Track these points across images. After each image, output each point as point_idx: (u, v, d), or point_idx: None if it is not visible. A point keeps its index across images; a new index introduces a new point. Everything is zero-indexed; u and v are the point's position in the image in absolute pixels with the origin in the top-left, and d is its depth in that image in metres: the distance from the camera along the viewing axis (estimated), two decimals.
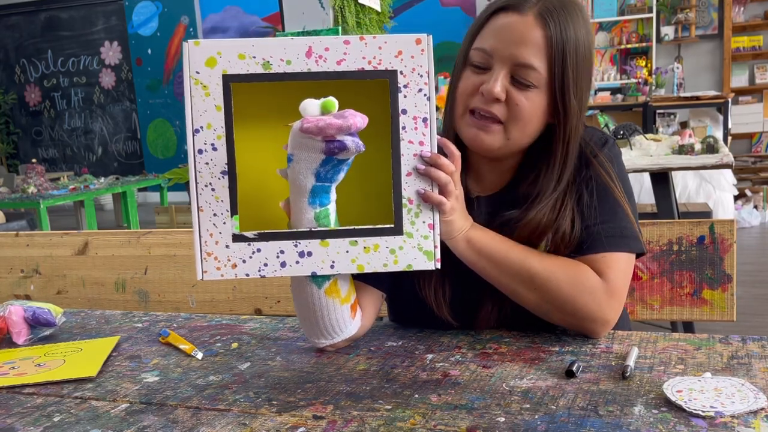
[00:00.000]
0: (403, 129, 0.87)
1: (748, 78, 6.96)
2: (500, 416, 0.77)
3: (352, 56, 0.85)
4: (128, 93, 9.62)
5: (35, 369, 1.03)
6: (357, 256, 0.88)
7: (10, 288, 1.80)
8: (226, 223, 0.87)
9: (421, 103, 0.87)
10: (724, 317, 1.32)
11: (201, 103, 0.85)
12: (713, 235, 1.32)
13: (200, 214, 0.87)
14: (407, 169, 0.88)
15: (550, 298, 0.99)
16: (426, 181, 0.89)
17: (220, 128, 0.86)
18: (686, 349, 0.95)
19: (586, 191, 1.05)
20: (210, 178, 0.87)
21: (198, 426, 0.80)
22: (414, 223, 0.89)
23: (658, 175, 2.99)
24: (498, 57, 0.99)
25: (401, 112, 0.87)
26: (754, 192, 5.85)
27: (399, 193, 0.88)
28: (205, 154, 0.86)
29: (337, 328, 0.99)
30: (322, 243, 0.88)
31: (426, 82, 0.87)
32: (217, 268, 0.88)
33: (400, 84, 0.86)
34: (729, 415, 0.73)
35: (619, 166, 1.09)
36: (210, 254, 0.88)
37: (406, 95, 0.86)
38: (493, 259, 0.99)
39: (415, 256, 0.89)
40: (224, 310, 1.64)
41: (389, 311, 1.23)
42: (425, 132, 0.87)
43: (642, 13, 7.07)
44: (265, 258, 0.88)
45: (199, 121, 0.86)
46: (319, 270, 0.88)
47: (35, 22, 9.92)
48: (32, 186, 5.27)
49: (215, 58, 0.85)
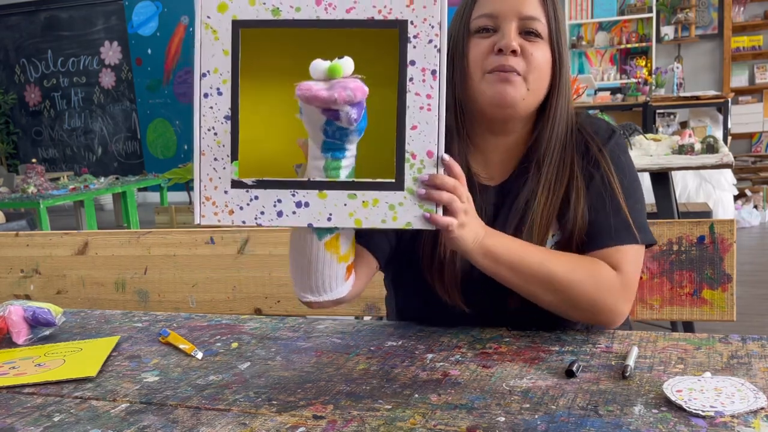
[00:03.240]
0: (411, 81, 0.84)
1: (748, 78, 6.96)
2: (500, 416, 0.77)
3: (362, 4, 0.84)
4: (128, 93, 9.62)
5: (35, 369, 1.03)
6: (355, 210, 0.85)
7: (10, 288, 1.80)
8: (226, 168, 0.87)
9: (431, 54, 0.84)
10: (724, 317, 1.32)
11: (210, 47, 0.86)
12: (713, 235, 1.32)
13: (202, 158, 0.87)
14: (412, 122, 0.85)
15: (569, 298, 1.00)
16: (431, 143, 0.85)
17: (227, 73, 0.86)
18: (686, 349, 0.95)
19: (593, 183, 1.07)
20: (213, 122, 0.87)
21: (198, 426, 0.80)
22: (416, 179, 0.85)
23: (658, 174, 2.99)
24: (503, 16, 1.04)
25: (410, 63, 0.84)
26: (754, 192, 5.85)
27: (402, 147, 0.85)
28: (210, 98, 0.86)
29: (327, 286, 0.96)
30: (320, 195, 0.86)
31: (437, 33, 0.84)
32: (214, 213, 0.88)
33: (410, 34, 0.84)
34: (729, 415, 0.73)
35: (626, 157, 1.11)
36: (209, 198, 0.87)
37: (415, 46, 0.84)
38: (512, 266, 0.98)
39: (415, 213, 0.85)
40: (224, 310, 1.64)
41: (393, 306, 1.22)
42: (433, 85, 0.84)
43: (642, 13, 7.07)
44: (262, 206, 0.87)
45: (207, 65, 0.86)
46: (316, 222, 0.86)
47: (35, 22, 9.92)
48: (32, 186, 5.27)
49: (226, 4, 0.85)
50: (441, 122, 0.85)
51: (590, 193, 1.06)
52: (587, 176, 1.07)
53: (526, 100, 1.05)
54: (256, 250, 1.62)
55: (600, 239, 1.04)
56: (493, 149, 1.12)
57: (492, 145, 1.12)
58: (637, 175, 1.12)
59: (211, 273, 1.65)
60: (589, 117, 1.15)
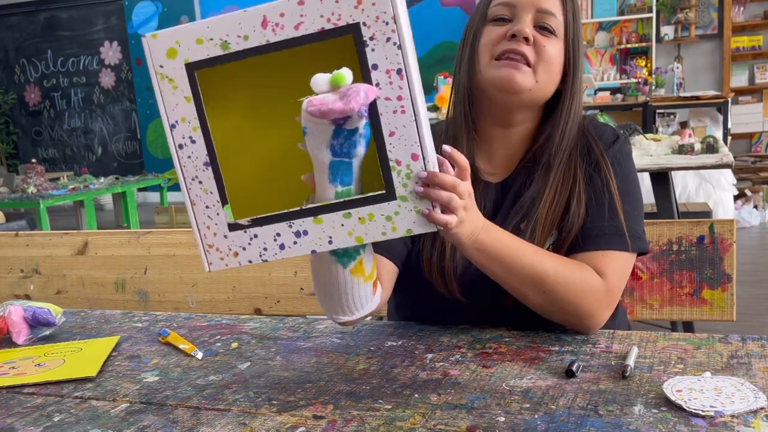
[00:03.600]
0: (378, 86, 0.79)
1: (747, 78, 6.96)
2: (500, 416, 0.77)
3: (309, 17, 0.79)
4: (128, 93, 9.62)
5: (35, 369, 1.03)
6: (353, 228, 0.84)
7: (10, 288, 1.80)
8: (219, 214, 0.86)
9: (392, 53, 0.79)
10: (723, 317, 1.32)
11: (171, 97, 0.83)
12: (713, 234, 1.32)
13: (194, 209, 0.86)
14: (389, 129, 0.80)
15: (556, 300, 1.00)
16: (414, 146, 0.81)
17: (194, 119, 0.83)
18: (686, 349, 0.95)
19: (592, 186, 1.07)
20: (195, 172, 0.85)
21: (198, 426, 0.80)
22: (406, 185, 0.82)
23: (658, 174, 2.99)
24: (521, 6, 1.06)
25: (372, 67, 0.79)
26: (754, 192, 5.85)
27: (385, 156, 0.81)
28: (185, 148, 0.84)
29: (359, 305, 0.95)
30: (316, 220, 0.84)
31: (393, 29, 0.78)
32: (220, 258, 0.87)
33: (365, 37, 0.79)
34: (729, 415, 0.73)
35: (628, 163, 1.11)
36: (211, 246, 0.87)
37: (374, 48, 0.79)
38: (504, 263, 0.97)
39: (413, 219, 0.83)
40: (224, 310, 1.64)
41: (392, 302, 1.23)
42: (401, 85, 0.79)
43: (642, 13, 7.07)
44: (263, 243, 0.86)
45: (173, 115, 0.84)
46: (318, 248, 0.85)
47: (35, 22, 9.92)
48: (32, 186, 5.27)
49: (175, 49, 0.82)
50: (419, 121, 0.81)
51: (588, 196, 1.07)
52: (587, 179, 1.08)
53: (533, 91, 1.06)
54: None
55: (590, 242, 1.04)
56: (498, 142, 1.13)
57: (497, 138, 1.13)
58: (638, 182, 1.11)
59: (211, 273, 1.65)
60: (595, 121, 1.15)
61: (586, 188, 1.07)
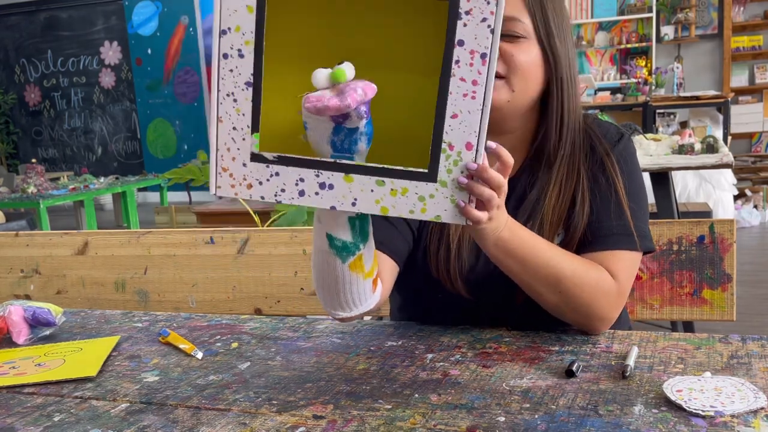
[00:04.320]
0: (456, 63, 0.75)
1: (747, 78, 6.96)
2: (500, 416, 0.77)
3: None
4: (128, 93, 9.63)
5: (35, 369, 1.03)
6: (382, 197, 0.79)
7: (10, 288, 1.80)
8: (245, 140, 0.80)
9: (483, 35, 0.75)
10: (724, 317, 1.32)
11: (232, 0, 0.76)
12: (713, 234, 1.32)
13: (219, 125, 0.80)
14: (453, 110, 0.77)
15: (570, 301, 0.99)
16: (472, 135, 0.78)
17: (250, 33, 0.76)
18: (686, 349, 0.95)
19: (598, 186, 1.07)
20: (233, 88, 0.78)
21: (198, 426, 0.80)
22: (451, 171, 0.78)
23: (658, 174, 2.99)
24: None
25: (457, 43, 0.75)
26: (754, 192, 5.85)
27: (439, 136, 0.77)
28: (230, 59, 0.77)
29: (357, 302, 0.95)
30: (346, 178, 0.79)
31: (492, 11, 0.74)
32: (231, 185, 0.81)
33: (462, 9, 0.74)
34: (729, 415, 0.73)
35: (633, 162, 1.11)
36: (225, 170, 0.81)
37: (466, 24, 0.75)
38: (522, 260, 0.96)
39: (445, 207, 0.80)
40: (224, 310, 1.64)
41: (396, 301, 1.23)
42: (481, 70, 0.75)
43: (642, 13, 7.08)
44: (283, 183, 0.80)
45: (228, 21, 0.76)
46: (339, 205, 0.80)
47: (35, 22, 9.92)
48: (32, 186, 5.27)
49: None
50: (485, 112, 0.77)
51: (594, 194, 1.06)
52: (592, 178, 1.07)
53: (512, 102, 1.03)
54: (256, 250, 1.62)
55: (598, 242, 1.04)
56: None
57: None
58: (642, 181, 1.11)
59: (211, 273, 1.65)
60: (598, 120, 1.14)
61: (591, 187, 1.07)
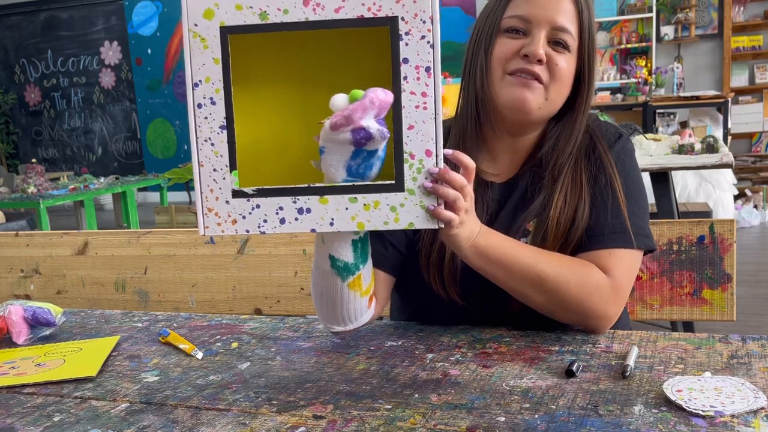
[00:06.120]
0: (405, 80, 0.83)
1: (748, 78, 6.96)
2: (500, 416, 0.77)
3: (350, 3, 0.82)
4: (128, 93, 9.62)
5: (35, 369, 1.03)
6: (357, 213, 0.85)
7: (10, 288, 1.80)
8: (225, 179, 0.86)
9: (424, 51, 0.82)
10: (724, 317, 1.32)
11: (199, 56, 0.84)
12: (713, 234, 1.32)
13: (201, 170, 0.87)
14: (409, 122, 0.83)
15: (559, 300, 0.99)
16: (430, 142, 0.84)
17: (218, 82, 0.85)
18: (686, 349, 0.95)
19: (596, 185, 1.07)
20: (209, 133, 0.85)
21: (198, 426, 0.80)
22: (416, 179, 0.84)
23: (658, 174, 2.99)
24: (536, 22, 1.04)
25: (402, 61, 0.83)
26: (754, 192, 5.85)
27: (400, 148, 0.84)
28: (204, 108, 0.85)
29: (353, 317, 0.99)
30: (321, 200, 0.85)
31: (429, 29, 0.82)
32: (217, 224, 0.87)
33: (402, 31, 0.82)
34: (729, 415, 0.73)
35: (632, 161, 1.11)
36: (211, 210, 0.87)
37: (407, 43, 0.82)
38: (502, 265, 0.97)
39: (417, 214, 0.85)
40: (224, 310, 1.64)
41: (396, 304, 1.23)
42: (428, 83, 0.83)
43: (642, 13, 7.07)
44: (264, 214, 0.87)
45: (198, 74, 0.85)
46: (319, 227, 0.86)
47: (35, 22, 9.92)
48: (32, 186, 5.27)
49: (213, 10, 0.84)
50: (438, 119, 0.84)
51: (594, 197, 1.06)
52: (593, 180, 1.07)
53: (543, 109, 1.05)
54: (256, 250, 1.62)
55: (594, 241, 1.04)
56: (504, 147, 1.13)
57: (503, 145, 1.13)
58: (641, 181, 1.11)
59: (211, 273, 1.65)
60: (598, 120, 1.15)
61: (591, 192, 1.07)
